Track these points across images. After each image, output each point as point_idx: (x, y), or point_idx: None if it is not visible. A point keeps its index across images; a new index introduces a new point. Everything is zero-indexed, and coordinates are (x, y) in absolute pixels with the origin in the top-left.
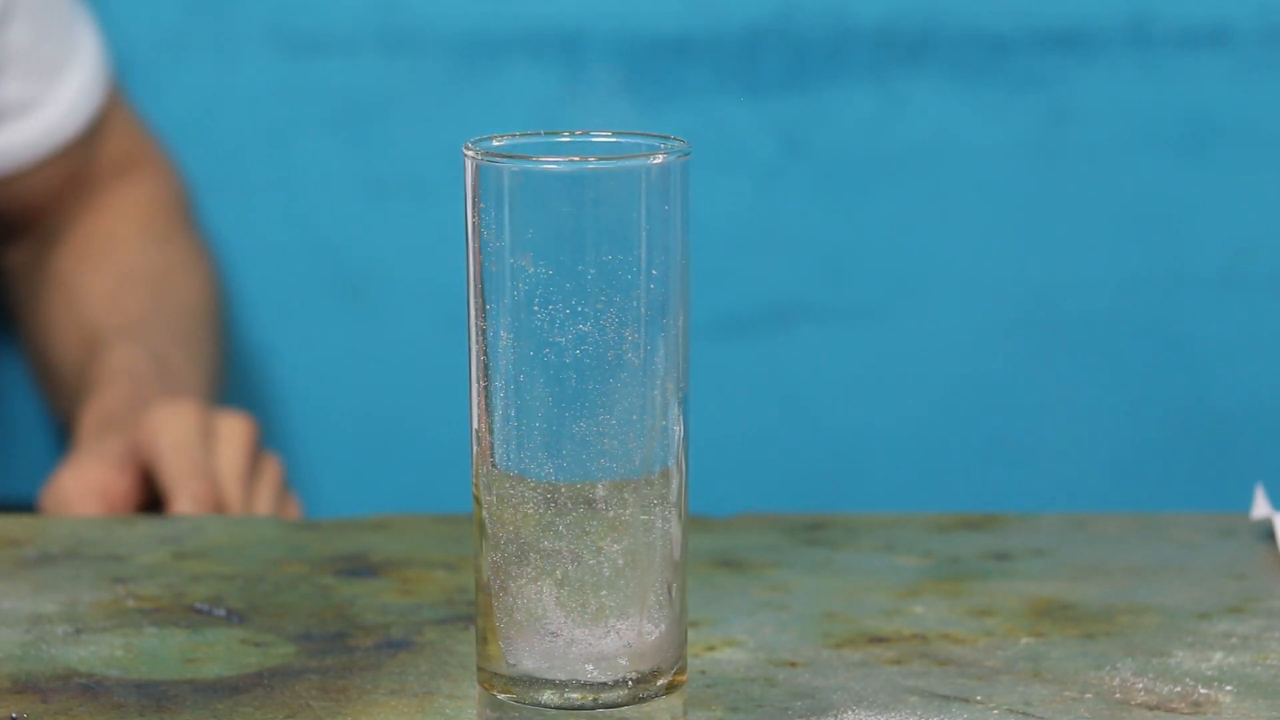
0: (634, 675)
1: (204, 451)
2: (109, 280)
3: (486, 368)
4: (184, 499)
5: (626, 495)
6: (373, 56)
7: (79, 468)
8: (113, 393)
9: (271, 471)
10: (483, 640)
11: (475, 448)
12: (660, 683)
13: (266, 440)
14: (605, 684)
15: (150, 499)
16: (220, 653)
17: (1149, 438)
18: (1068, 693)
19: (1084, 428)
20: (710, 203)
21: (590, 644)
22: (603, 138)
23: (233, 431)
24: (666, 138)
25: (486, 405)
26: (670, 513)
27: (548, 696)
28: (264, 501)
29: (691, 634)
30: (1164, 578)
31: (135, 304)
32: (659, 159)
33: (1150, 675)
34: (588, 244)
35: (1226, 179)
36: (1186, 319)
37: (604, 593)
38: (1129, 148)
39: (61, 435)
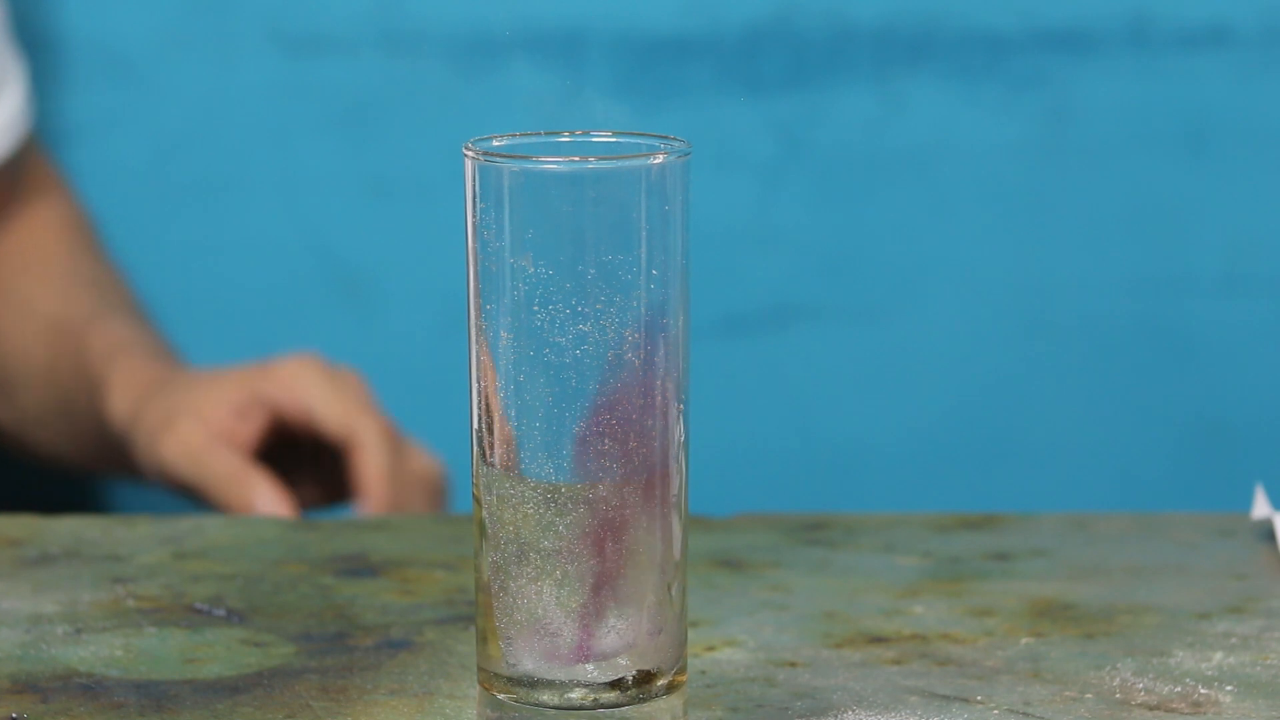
0: (634, 675)
1: (355, 407)
2: (55, 283)
3: (487, 368)
4: (371, 450)
5: (626, 495)
6: (373, 56)
7: (199, 416)
8: (133, 362)
9: None
10: (483, 640)
11: (475, 448)
12: (660, 683)
13: None
14: (605, 684)
15: (276, 444)
16: (220, 653)
17: (1149, 438)
18: (1068, 693)
19: (1084, 428)
20: (710, 203)
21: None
22: (603, 138)
23: (357, 386)
24: (666, 138)
25: (486, 405)
26: (670, 513)
27: (548, 696)
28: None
29: (691, 634)
30: (1164, 578)
31: (88, 300)
32: (659, 159)
33: (1150, 675)
34: (588, 244)
35: (1226, 179)
36: (1187, 319)
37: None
38: (1129, 148)
39: None
